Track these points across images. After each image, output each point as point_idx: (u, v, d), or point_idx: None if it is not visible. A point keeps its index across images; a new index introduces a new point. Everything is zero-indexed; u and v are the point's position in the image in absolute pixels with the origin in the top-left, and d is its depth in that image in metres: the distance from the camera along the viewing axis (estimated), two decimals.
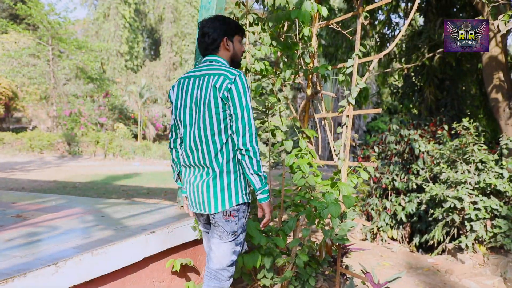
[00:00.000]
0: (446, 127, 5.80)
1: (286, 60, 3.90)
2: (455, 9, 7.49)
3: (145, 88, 29.61)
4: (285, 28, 3.72)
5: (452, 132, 5.86)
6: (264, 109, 3.51)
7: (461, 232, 5.01)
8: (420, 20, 8.75)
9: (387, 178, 5.91)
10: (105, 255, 2.43)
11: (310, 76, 3.61)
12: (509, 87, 5.28)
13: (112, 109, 27.71)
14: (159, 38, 38.67)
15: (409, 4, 8.12)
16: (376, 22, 8.53)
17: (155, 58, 39.27)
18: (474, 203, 4.76)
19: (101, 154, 21.75)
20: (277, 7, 3.34)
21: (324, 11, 3.15)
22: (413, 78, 7.82)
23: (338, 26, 3.65)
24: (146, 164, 19.54)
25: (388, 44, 8.23)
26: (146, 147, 22.94)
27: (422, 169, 5.60)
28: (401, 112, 8.46)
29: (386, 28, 8.53)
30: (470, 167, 4.93)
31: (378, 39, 8.49)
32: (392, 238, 5.94)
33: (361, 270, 3.88)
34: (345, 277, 3.69)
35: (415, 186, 5.58)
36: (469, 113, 7.66)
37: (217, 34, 2.30)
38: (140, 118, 28.16)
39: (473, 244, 4.83)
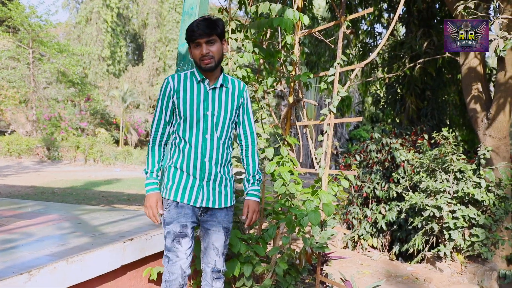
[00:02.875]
0: (426, 136, 5.87)
1: (268, 67, 3.90)
2: (435, 21, 7.61)
3: (127, 93, 29.39)
4: (267, 36, 3.73)
5: (432, 141, 5.93)
6: None
7: (440, 240, 5.06)
8: (402, 31, 8.88)
9: (368, 187, 5.94)
10: (81, 263, 2.38)
11: (292, 84, 3.62)
12: (487, 98, 5.36)
13: (93, 113, 27.41)
14: (143, 43, 38.50)
15: (392, 15, 8.24)
16: (360, 32, 8.63)
17: (138, 63, 39.03)
18: (453, 212, 4.81)
19: (82, 159, 21.45)
20: (260, 14, 3.35)
21: (306, 20, 3.15)
22: (395, 87, 7.91)
23: (320, 35, 3.67)
24: (127, 170, 19.34)
25: (370, 54, 8.32)
26: (128, 152, 22.72)
27: (403, 177, 5.64)
28: (383, 121, 8.55)
29: (369, 37, 8.64)
30: (449, 176, 4.99)
31: (361, 49, 8.58)
32: (373, 246, 5.97)
33: (341, 279, 3.89)
34: (324, 285, 3.69)
35: (395, 195, 5.62)
36: (449, 123, 7.76)
37: None
38: (122, 123, 27.90)
39: (451, 252, 4.88)
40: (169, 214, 2.31)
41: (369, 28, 8.62)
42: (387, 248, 5.85)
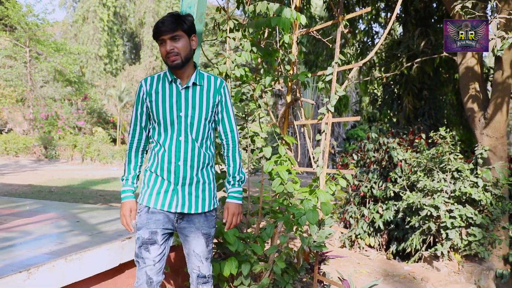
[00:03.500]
0: (423, 135, 5.88)
1: (266, 66, 3.90)
2: (433, 20, 7.63)
3: (124, 92, 29.35)
4: (265, 35, 3.74)
5: (429, 141, 5.94)
6: (244, 115, 3.51)
7: (437, 240, 5.07)
8: (400, 30, 8.90)
9: (366, 186, 5.95)
10: (79, 261, 2.39)
11: (290, 83, 3.63)
12: (485, 98, 5.38)
13: (90, 112, 27.38)
14: (140, 42, 38.45)
15: (389, 14, 8.26)
16: (357, 31, 8.64)
17: (135, 62, 38.98)
18: (450, 211, 4.82)
19: (79, 158, 21.42)
20: (257, 14, 3.35)
21: (303, 19, 3.16)
22: (392, 87, 7.92)
23: (318, 34, 3.68)
24: None
25: (368, 53, 8.33)
26: (125, 151, 22.61)
27: (400, 177, 5.65)
28: (380, 121, 8.56)
29: (366, 37, 8.65)
30: (446, 175, 5.00)
31: (358, 48, 8.60)
32: (370, 246, 5.98)
33: (338, 277, 3.89)
34: (322, 284, 3.70)
35: (392, 194, 5.63)
36: (446, 123, 7.78)
37: None
38: (119, 122, 27.88)
39: (448, 252, 4.90)
40: (140, 219, 2.23)
41: (366, 28, 8.63)
42: (384, 247, 5.87)
